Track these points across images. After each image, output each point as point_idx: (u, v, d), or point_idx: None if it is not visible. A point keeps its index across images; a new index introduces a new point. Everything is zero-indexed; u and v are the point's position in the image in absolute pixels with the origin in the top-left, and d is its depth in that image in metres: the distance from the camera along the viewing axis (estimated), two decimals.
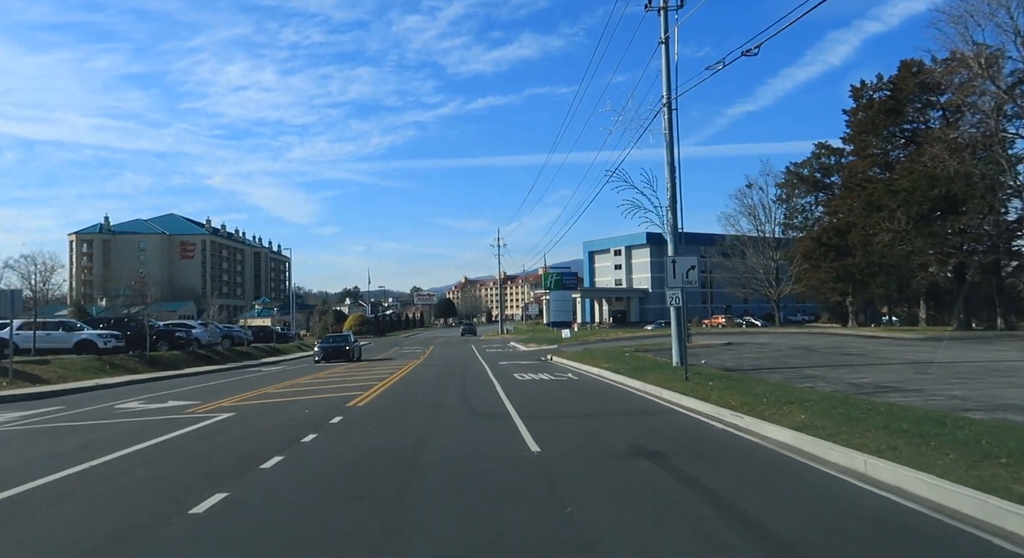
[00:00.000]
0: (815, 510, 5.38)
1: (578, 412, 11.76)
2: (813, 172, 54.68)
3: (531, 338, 54.05)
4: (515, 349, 42.44)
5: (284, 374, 24.88)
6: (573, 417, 11.15)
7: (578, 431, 9.57)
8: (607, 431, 9.56)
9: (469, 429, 9.85)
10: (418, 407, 12.61)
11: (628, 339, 43.57)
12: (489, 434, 9.32)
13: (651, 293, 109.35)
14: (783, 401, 10.69)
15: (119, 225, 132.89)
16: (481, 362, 28.48)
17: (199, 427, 10.25)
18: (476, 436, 9.22)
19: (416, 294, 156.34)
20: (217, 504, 5.52)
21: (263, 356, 39.88)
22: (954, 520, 4.90)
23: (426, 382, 18.80)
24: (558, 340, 44.50)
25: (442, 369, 24.81)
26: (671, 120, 19.34)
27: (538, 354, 33.87)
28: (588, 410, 12.15)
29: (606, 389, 16.11)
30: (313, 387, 17.99)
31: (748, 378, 15.44)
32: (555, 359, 28.83)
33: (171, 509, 5.41)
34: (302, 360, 37.92)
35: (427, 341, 65.17)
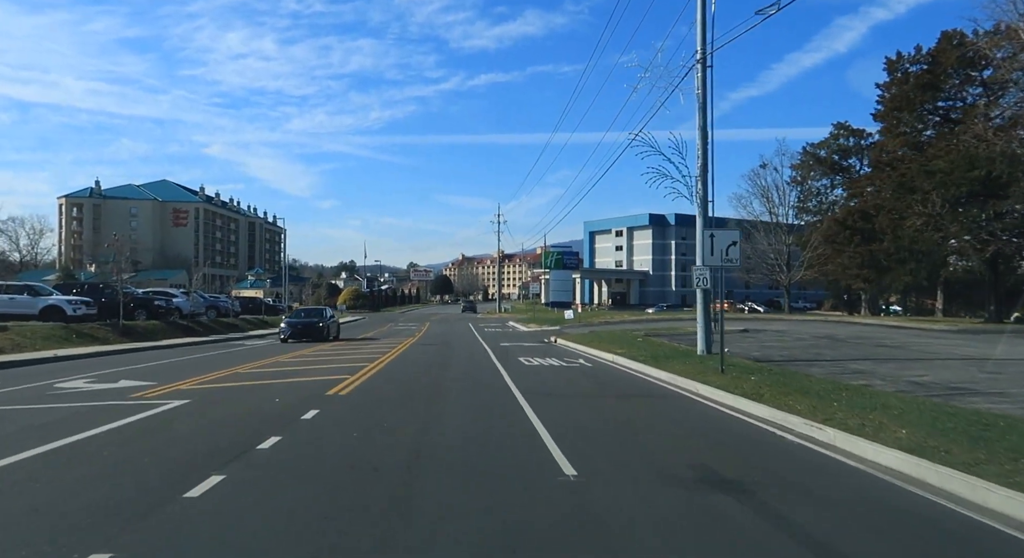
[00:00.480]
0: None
1: (608, 414, 9.76)
2: (831, 154, 52.30)
3: (531, 318, 52.09)
4: (515, 329, 40.49)
5: (267, 349, 22.86)
6: (603, 419, 9.16)
7: (616, 442, 7.56)
8: (653, 441, 7.57)
9: (477, 434, 7.84)
10: (412, 398, 10.63)
11: (633, 322, 41.63)
12: (504, 445, 7.31)
13: (652, 275, 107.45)
14: (861, 407, 8.70)
15: (110, 190, 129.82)
16: (481, 343, 26.52)
17: (135, 420, 8.19)
18: (487, 446, 7.21)
19: (413, 270, 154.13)
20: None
21: (250, 329, 37.85)
22: None
23: (421, 365, 16.80)
24: (560, 321, 42.54)
25: (439, 350, 22.81)
26: (705, 78, 17.09)
27: (541, 336, 31.91)
28: (608, 401, 10.19)
29: (628, 380, 14.11)
30: (293, 367, 15.98)
31: (790, 372, 13.46)
32: (560, 342, 26.87)
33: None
34: None
35: (423, 318, 63.22)
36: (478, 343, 26.44)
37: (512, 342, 27.21)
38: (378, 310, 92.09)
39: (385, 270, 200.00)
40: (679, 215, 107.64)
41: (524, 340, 29.06)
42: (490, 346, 24.57)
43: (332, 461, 6.33)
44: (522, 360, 18.28)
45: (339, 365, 16.30)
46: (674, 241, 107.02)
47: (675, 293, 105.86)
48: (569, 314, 40.69)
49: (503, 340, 28.71)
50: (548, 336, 30.67)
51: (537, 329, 38.76)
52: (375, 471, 5.88)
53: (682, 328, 31.82)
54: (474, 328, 41.87)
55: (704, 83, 17.13)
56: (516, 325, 45.64)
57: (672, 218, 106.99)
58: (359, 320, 60.05)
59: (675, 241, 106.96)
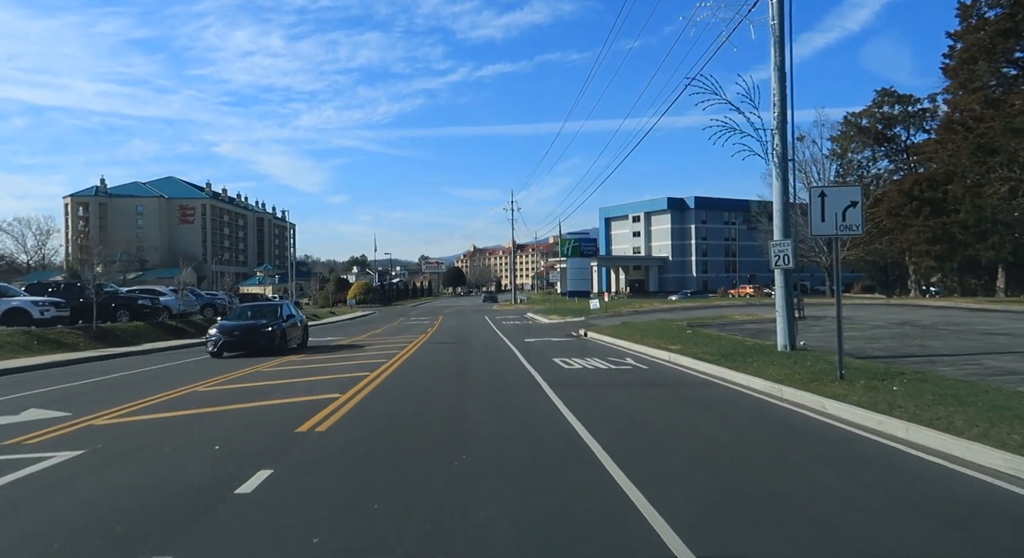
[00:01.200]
0: None
1: (708, 449, 6.41)
2: (875, 123, 48.16)
3: (551, 309, 48.76)
4: (536, 322, 37.18)
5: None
6: (712, 459, 5.82)
7: (758, 514, 4.20)
8: (829, 518, 4.21)
9: (530, 504, 4.53)
10: (424, 425, 7.38)
11: (665, 310, 38.12)
12: (581, 527, 3.97)
13: (671, 261, 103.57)
14: None
15: (116, 188, 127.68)
16: (503, 340, 23.24)
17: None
18: (552, 531, 3.87)
19: (424, 262, 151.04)
20: None
21: None
22: None
23: (434, 378, 13.54)
24: (584, 311, 39.15)
25: (455, 351, 19.56)
26: (782, 6, 13.55)
27: (567, 329, 28.58)
28: (721, 439, 6.83)
29: (710, 391, 10.71)
30: (271, 382, 12.76)
31: (931, 376, 10.01)
32: (592, 336, 23.52)
33: None
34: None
35: (436, 311, 60.07)
36: (499, 340, 23.16)
37: (537, 337, 23.89)
38: (389, 304, 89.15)
39: (397, 264, 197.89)
40: (699, 198, 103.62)
41: (550, 334, 25.74)
42: (514, 343, 21.28)
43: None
44: (559, 363, 14.94)
45: (332, 375, 13.08)
46: (694, 225, 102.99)
47: (696, 279, 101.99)
48: (595, 304, 37.31)
49: (526, 335, 25.41)
50: (576, 329, 27.34)
51: (560, 321, 35.43)
52: None
53: (729, 316, 28.38)
54: (491, 321, 38.61)
55: (781, 12, 13.60)
56: (536, 317, 42.33)
57: (692, 201, 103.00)
58: (368, 315, 57.02)
59: (695, 225, 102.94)
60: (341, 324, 41.94)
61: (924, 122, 45.88)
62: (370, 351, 19.42)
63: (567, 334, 25.56)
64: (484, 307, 68.78)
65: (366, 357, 17.37)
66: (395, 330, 31.60)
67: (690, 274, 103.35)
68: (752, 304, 43.20)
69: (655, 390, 10.77)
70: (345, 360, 16.70)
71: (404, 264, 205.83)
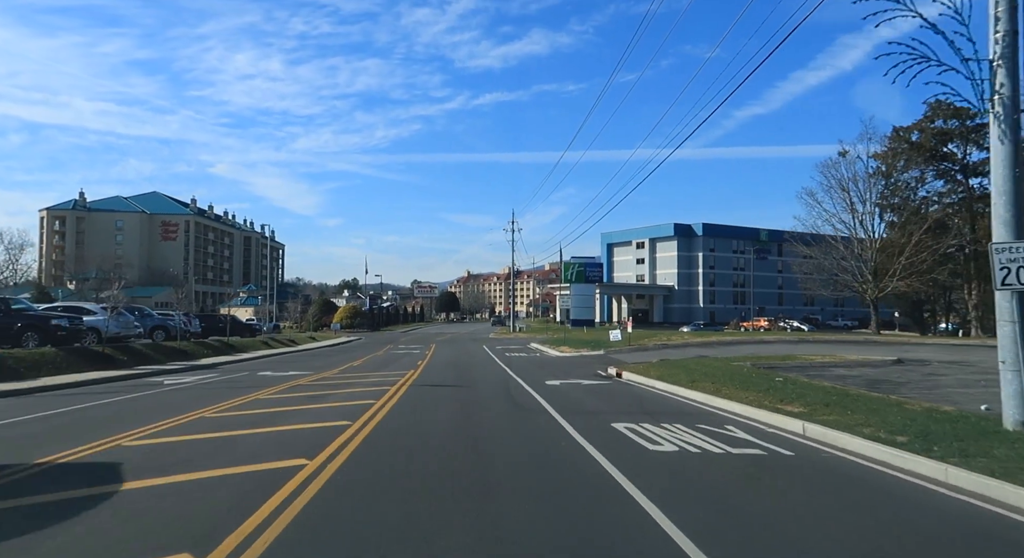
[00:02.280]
0: None
1: None
2: (928, 138, 43.45)
3: (558, 339, 43.20)
4: (546, 354, 31.60)
5: (182, 398, 14.10)
6: None
7: None
8: None
9: None
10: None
11: (700, 345, 32.53)
12: None
13: (677, 291, 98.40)
14: None
15: (96, 202, 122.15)
16: (515, 379, 17.71)
17: None
18: None
19: (416, 286, 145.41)
20: None
21: (206, 356, 29.09)
22: None
23: (435, 441, 8.06)
24: (602, 343, 33.61)
25: (456, 396, 14.02)
26: None
27: (589, 364, 23.06)
28: None
29: (966, 522, 5.18)
30: (165, 457, 7.16)
31: None
32: (631, 377, 18.00)
33: None
34: (254, 363, 27.15)
35: (427, 339, 54.35)
36: (511, 380, 17.61)
37: (559, 378, 18.33)
38: (378, 329, 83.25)
39: (389, 288, 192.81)
40: (707, 225, 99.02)
41: (572, 372, 20.19)
42: (534, 386, 15.73)
43: None
44: (625, 432, 9.35)
45: (266, 444, 7.48)
46: (701, 253, 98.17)
47: (703, 310, 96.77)
48: (615, 335, 31.80)
49: (543, 373, 19.87)
50: (601, 366, 21.86)
51: (575, 354, 29.88)
52: None
53: (796, 356, 22.99)
54: (492, 352, 33.00)
55: None
56: (543, 348, 36.75)
57: (700, 228, 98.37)
58: (352, 341, 51.22)
59: (703, 253, 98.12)
60: (317, 352, 36.18)
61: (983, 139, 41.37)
62: (332, 399, 13.79)
63: (594, 373, 20.04)
64: (480, 335, 63.13)
65: (317, 415, 11.76)
66: (378, 362, 25.97)
67: (697, 305, 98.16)
68: (806, 340, 37.24)
69: (858, 516, 5.21)
70: (273, 425, 11.07)
71: (396, 289, 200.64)
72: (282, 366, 24.10)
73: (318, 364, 25.31)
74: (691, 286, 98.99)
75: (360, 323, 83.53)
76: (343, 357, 30.24)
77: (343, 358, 29.25)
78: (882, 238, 45.33)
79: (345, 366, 24.05)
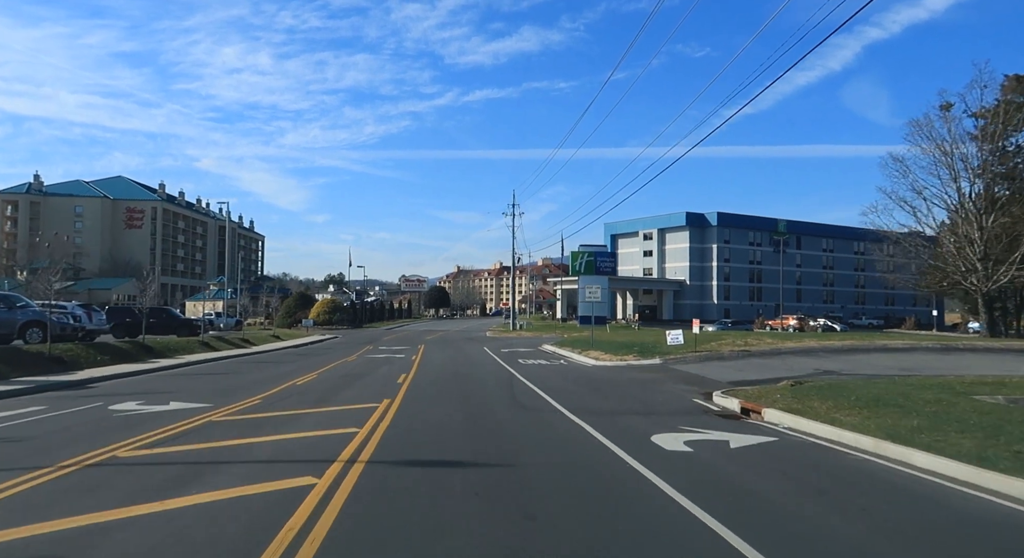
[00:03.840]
0: None
1: None
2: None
3: (582, 341, 34.77)
4: (576, 363, 23.16)
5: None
6: None
7: None
8: None
9: None
10: None
11: (793, 352, 23.88)
12: None
13: (688, 286, 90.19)
14: None
15: (54, 186, 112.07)
16: (584, 429, 9.20)
17: None
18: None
19: (404, 280, 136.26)
20: None
21: (93, 364, 20.31)
22: None
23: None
24: (651, 348, 25.11)
25: (487, 500, 5.36)
26: None
27: (662, 384, 14.60)
28: None
29: None
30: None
31: None
32: (790, 422, 9.45)
33: None
34: (148, 379, 18.42)
35: (415, 338, 45.67)
36: (581, 437, 9.08)
37: (650, 418, 9.83)
38: (360, 326, 74.37)
39: (376, 284, 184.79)
40: (722, 214, 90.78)
41: (658, 405, 11.77)
42: (637, 452, 7.14)
43: None
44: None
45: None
46: (715, 245, 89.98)
47: (717, 307, 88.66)
48: (676, 337, 23.20)
49: (608, 404, 11.43)
50: (691, 388, 13.46)
51: (619, 363, 21.45)
52: None
53: (983, 376, 14.61)
54: (500, 359, 24.54)
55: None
56: (565, 352, 28.28)
57: (714, 217, 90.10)
58: (325, 340, 42.38)
59: (717, 245, 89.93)
60: (266, 358, 27.44)
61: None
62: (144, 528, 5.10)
63: (695, 407, 11.70)
64: (476, 333, 54.44)
65: None
66: (340, 379, 17.34)
67: (710, 301, 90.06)
68: (923, 346, 27.99)
69: None
70: None
71: (384, 285, 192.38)
72: (183, 387, 15.39)
73: (248, 381, 16.59)
74: (704, 280, 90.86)
75: (340, 319, 74.48)
76: (296, 367, 21.50)
77: (294, 369, 20.51)
78: (995, 216, 36.19)
79: (286, 385, 15.37)
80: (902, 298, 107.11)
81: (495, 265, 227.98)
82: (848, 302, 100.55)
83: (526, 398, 13.19)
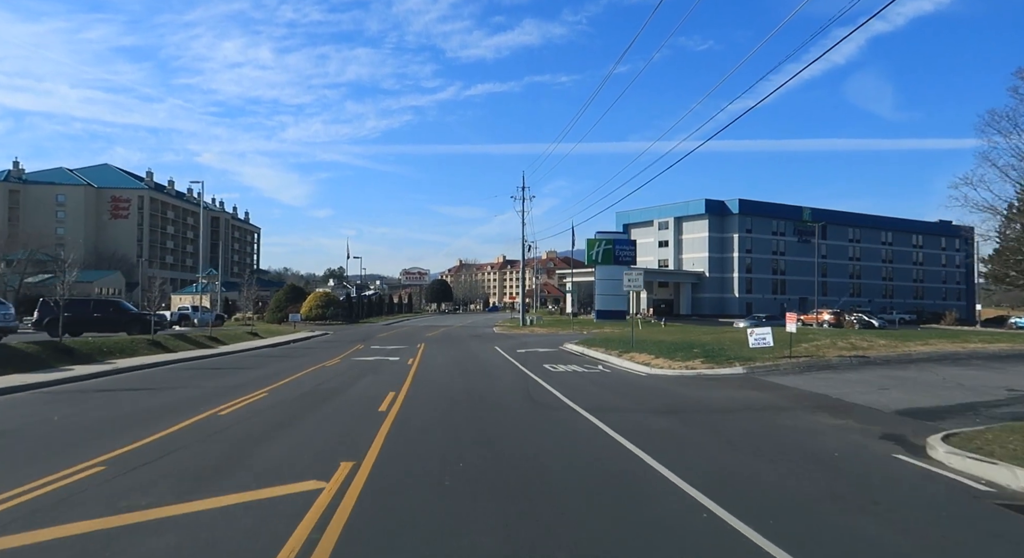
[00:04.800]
0: None
1: None
2: None
3: (616, 340, 29.10)
4: (617, 367, 17.51)
5: None
6: None
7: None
8: None
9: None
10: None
11: (930, 360, 18.03)
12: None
13: (708, 278, 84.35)
14: None
15: (34, 174, 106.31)
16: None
17: None
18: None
19: (405, 274, 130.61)
20: None
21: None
22: None
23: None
24: (717, 350, 19.39)
25: None
26: None
27: (790, 413, 8.84)
28: None
29: None
30: None
31: None
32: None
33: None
34: (38, 396, 12.72)
35: (414, 336, 40.03)
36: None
37: (890, 515, 4.12)
38: (356, 321, 68.77)
39: (378, 278, 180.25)
40: (744, 201, 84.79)
41: (857, 476, 6.01)
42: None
43: None
44: None
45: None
46: (737, 235, 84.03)
47: (738, 300, 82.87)
48: (762, 338, 17.28)
49: (780, 477, 5.64)
50: (860, 427, 7.77)
51: (687, 372, 15.81)
52: None
53: None
54: (518, 362, 18.86)
55: None
56: (598, 355, 22.62)
57: (735, 205, 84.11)
58: (312, 338, 36.66)
59: (738, 234, 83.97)
60: (225, 363, 21.78)
61: None
62: None
63: (937, 472, 5.88)
64: (482, 329, 48.75)
65: None
66: (295, 402, 11.64)
67: (731, 294, 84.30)
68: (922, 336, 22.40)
69: None
70: None
71: (386, 280, 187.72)
72: (30, 422, 9.73)
73: (155, 407, 10.90)
74: (724, 273, 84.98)
75: (334, 314, 68.69)
76: (252, 376, 15.80)
77: (246, 380, 14.80)
78: None
79: (200, 417, 9.64)
80: (931, 291, 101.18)
81: (498, 259, 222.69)
82: (875, 296, 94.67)
83: (597, 448, 7.52)
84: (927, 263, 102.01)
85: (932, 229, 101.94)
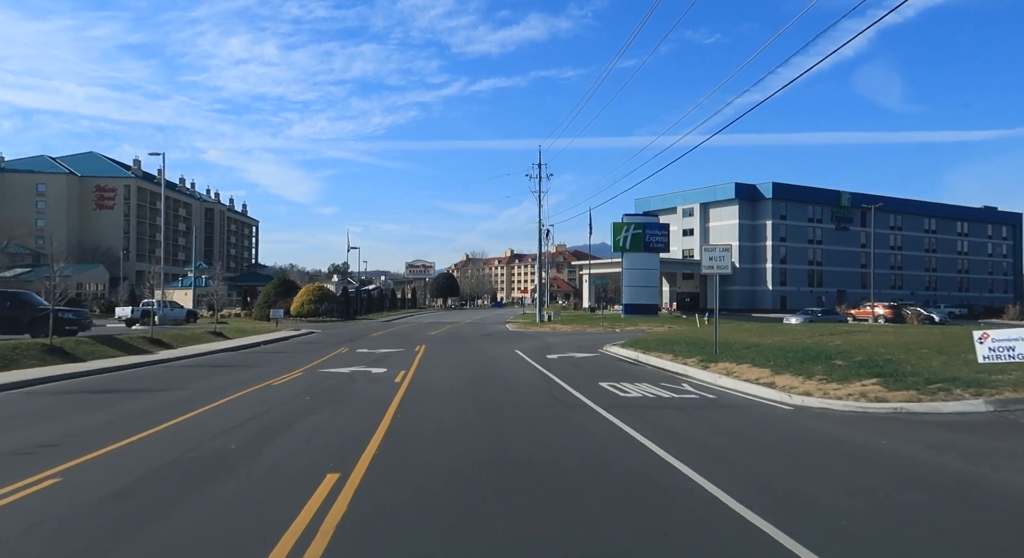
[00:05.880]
0: None
1: None
2: None
3: (691, 344, 22.21)
4: (726, 392, 10.64)
5: None
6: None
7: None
8: None
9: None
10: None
11: None
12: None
13: (739, 269, 77.12)
14: None
15: (14, 162, 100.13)
16: None
17: None
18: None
19: (409, 267, 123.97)
20: None
21: None
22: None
23: None
24: (895, 367, 12.53)
25: None
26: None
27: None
28: None
29: None
30: None
31: None
32: None
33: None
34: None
35: (414, 335, 33.30)
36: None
37: None
38: (352, 318, 62.06)
39: (383, 274, 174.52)
40: (777, 185, 77.35)
41: None
42: None
43: None
44: None
45: None
46: (770, 222, 76.79)
47: (771, 293, 75.75)
48: (1007, 347, 10.28)
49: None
50: None
51: (868, 405, 9.00)
52: None
53: None
54: (556, 376, 11.89)
55: None
56: (670, 365, 15.82)
57: (768, 190, 76.76)
58: (293, 338, 29.79)
59: (771, 222, 76.73)
60: (141, 374, 15.03)
61: None
62: None
63: None
64: (493, 327, 41.90)
65: None
66: (173, 476, 4.78)
67: (763, 286, 77.20)
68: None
69: None
70: None
71: (392, 275, 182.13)
72: None
73: None
74: (756, 263, 77.83)
75: (329, 310, 61.78)
76: (161, 402, 8.98)
77: (142, 410, 8.00)
78: None
79: None
80: (977, 283, 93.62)
81: (505, 253, 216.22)
82: (918, 288, 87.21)
83: None
84: (972, 252, 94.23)
85: (977, 216, 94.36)
